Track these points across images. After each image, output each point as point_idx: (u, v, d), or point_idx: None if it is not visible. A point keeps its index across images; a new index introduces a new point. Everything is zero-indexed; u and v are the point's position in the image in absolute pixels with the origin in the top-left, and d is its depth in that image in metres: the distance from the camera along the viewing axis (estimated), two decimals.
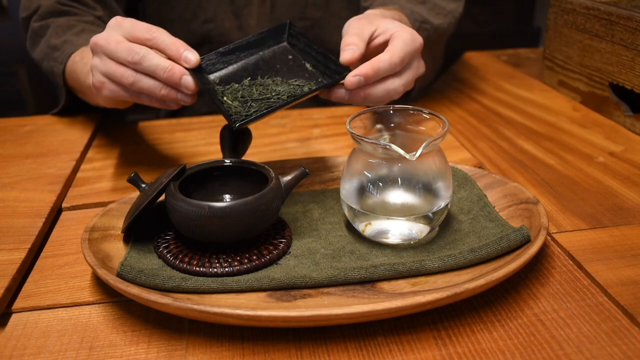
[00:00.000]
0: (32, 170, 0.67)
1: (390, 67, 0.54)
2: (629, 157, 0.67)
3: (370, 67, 0.53)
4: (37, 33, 0.77)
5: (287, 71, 0.58)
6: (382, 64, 0.54)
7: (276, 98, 0.53)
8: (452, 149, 0.71)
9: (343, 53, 0.55)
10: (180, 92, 0.54)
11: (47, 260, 0.51)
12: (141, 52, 0.53)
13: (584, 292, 0.45)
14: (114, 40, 0.55)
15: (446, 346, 0.41)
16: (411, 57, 0.57)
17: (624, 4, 0.77)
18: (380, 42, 0.58)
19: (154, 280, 0.44)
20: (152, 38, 0.54)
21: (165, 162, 0.69)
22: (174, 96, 0.55)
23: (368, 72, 0.53)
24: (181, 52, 0.54)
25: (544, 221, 0.48)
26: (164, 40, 0.54)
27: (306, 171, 0.51)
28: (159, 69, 0.53)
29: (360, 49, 0.55)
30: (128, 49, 0.54)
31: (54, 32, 0.75)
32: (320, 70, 0.57)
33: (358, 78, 0.53)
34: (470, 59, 1.08)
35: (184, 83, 0.53)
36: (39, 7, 0.78)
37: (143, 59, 0.53)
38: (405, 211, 0.49)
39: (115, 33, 0.56)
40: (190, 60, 0.53)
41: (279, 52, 0.59)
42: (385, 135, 0.53)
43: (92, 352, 0.41)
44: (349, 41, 0.56)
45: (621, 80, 0.75)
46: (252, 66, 0.58)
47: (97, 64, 0.57)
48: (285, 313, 0.39)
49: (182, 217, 0.46)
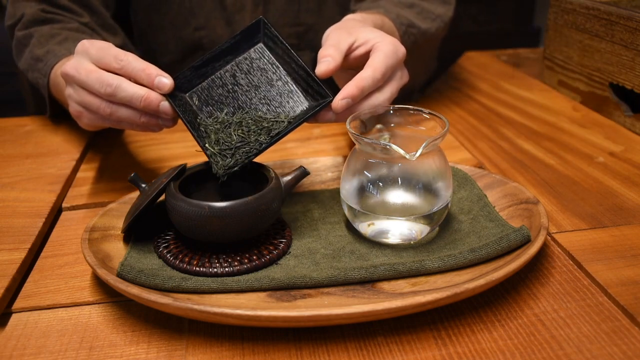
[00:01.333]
0: (32, 170, 0.67)
1: (373, 82, 0.54)
2: (629, 157, 0.67)
3: (355, 87, 0.52)
4: (21, 42, 0.75)
5: (267, 86, 0.55)
6: (366, 81, 0.53)
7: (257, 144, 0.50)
8: (452, 149, 0.71)
9: (319, 65, 0.54)
10: (160, 117, 0.53)
11: (47, 260, 0.51)
12: (113, 82, 0.51)
13: (584, 292, 0.45)
14: (84, 70, 0.53)
15: (446, 346, 0.41)
16: (393, 69, 0.56)
17: (624, 4, 0.77)
18: (361, 53, 0.57)
19: (154, 280, 0.44)
20: (122, 67, 0.52)
21: (165, 162, 0.69)
22: (154, 123, 0.54)
23: (354, 93, 0.52)
24: (153, 79, 0.51)
25: (544, 221, 0.48)
26: (135, 67, 0.52)
27: (306, 171, 0.51)
28: (134, 99, 0.51)
29: (336, 61, 0.54)
30: (99, 80, 0.52)
31: (37, 42, 0.72)
32: (302, 86, 0.54)
33: (346, 101, 0.52)
34: (470, 59, 1.08)
35: (162, 109, 0.52)
36: (23, 15, 0.76)
37: (117, 90, 0.51)
38: (405, 211, 0.49)
39: (84, 60, 0.54)
40: (165, 86, 0.51)
41: (256, 58, 0.55)
42: (385, 135, 0.53)
43: (92, 352, 0.41)
44: (325, 53, 0.54)
45: (621, 80, 0.75)
46: (229, 80, 0.55)
47: (72, 94, 0.55)
48: (285, 313, 0.39)
49: (182, 217, 0.46)
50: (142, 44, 0.88)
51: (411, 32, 0.74)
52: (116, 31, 0.81)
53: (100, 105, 0.53)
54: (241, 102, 0.54)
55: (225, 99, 0.54)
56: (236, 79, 0.55)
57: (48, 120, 0.81)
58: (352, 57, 0.57)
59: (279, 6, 0.86)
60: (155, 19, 0.86)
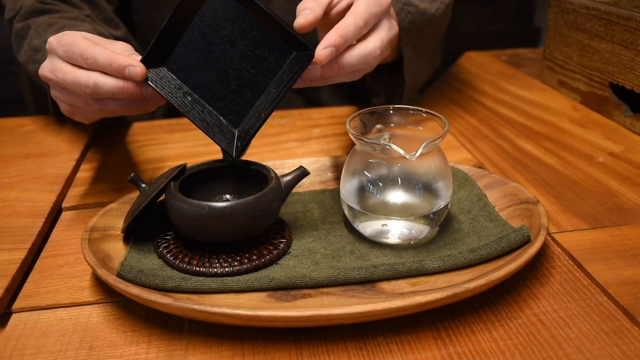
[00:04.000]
0: (32, 170, 0.67)
1: (356, 29, 0.50)
2: (629, 157, 0.67)
3: (337, 34, 0.48)
4: (19, 34, 0.75)
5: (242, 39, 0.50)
6: (348, 28, 0.49)
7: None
8: (452, 149, 0.71)
9: (297, 18, 0.50)
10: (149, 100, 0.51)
11: (47, 260, 0.51)
12: (89, 81, 0.49)
13: (584, 292, 0.45)
14: (60, 72, 0.51)
15: (446, 346, 0.41)
16: (377, 17, 0.53)
17: (624, 4, 0.77)
18: (342, 7, 0.54)
19: (154, 280, 0.44)
20: (90, 65, 0.50)
21: (165, 162, 0.69)
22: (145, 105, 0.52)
23: (336, 39, 0.48)
24: (124, 72, 0.48)
25: (544, 221, 0.48)
26: (102, 63, 0.49)
27: (306, 171, 0.51)
28: (116, 92, 0.49)
29: (315, 12, 0.50)
30: (75, 82, 0.50)
31: (35, 33, 0.71)
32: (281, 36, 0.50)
33: (330, 49, 0.48)
34: (470, 59, 1.08)
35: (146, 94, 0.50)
36: (21, 7, 0.75)
37: (95, 89, 0.49)
38: (405, 211, 0.49)
39: (56, 61, 0.52)
40: (137, 75, 0.48)
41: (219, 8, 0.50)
42: (385, 135, 0.53)
43: (92, 352, 0.41)
44: (304, 6, 0.51)
45: (621, 80, 0.75)
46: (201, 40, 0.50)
47: (58, 96, 0.55)
48: (285, 313, 0.39)
49: (182, 217, 0.46)
50: (143, 42, 0.88)
51: (408, 11, 0.71)
52: (117, 25, 0.81)
53: (87, 102, 0.52)
54: (222, 64, 0.50)
55: (205, 63, 0.51)
56: (207, 37, 0.50)
57: (48, 120, 0.81)
58: (333, 13, 0.54)
59: (281, 5, 0.86)
60: (155, 17, 0.86)
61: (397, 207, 0.49)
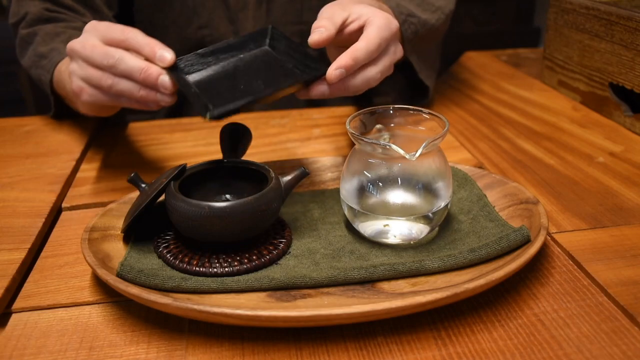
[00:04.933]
0: (32, 170, 0.67)
1: (367, 54, 0.53)
2: (629, 157, 0.67)
3: (350, 57, 0.52)
4: (25, 40, 0.77)
5: (266, 72, 0.56)
6: (360, 52, 0.53)
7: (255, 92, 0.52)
8: (452, 149, 0.71)
9: (312, 35, 0.54)
10: (158, 92, 0.54)
11: (47, 260, 0.51)
12: (116, 55, 0.53)
13: (584, 292, 0.45)
14: (90, 45, 0.55)
15: (446, 346, 0.41)
16: (387, 42, 0.56)
17: (624, 4, 0.77)
18: (354, 28, 0.57)
19: (154, 280, 0.44)
20: (126, 39, 0.54)
21: (165, 162, 0.69)
22: (152, 97, 0.54)
23: (348, 62, 0.52)
24: (156, 51, 0.52)
25: (543, 221, 0.48)
26: (139, 41, 0.53)
27: (306, 171, 0.51)
28: (134, 71, 0.52)
29: (329, 31, 0.53)
30: (104, 52, 0.53)
31: (41, 40, 0.74)
32: (299, 69, 0.55)
33: (340, 71, 0.52)
34: (470, 59, 1.08)
35: (161, 83, 0.52)
36: (27, 13, 0.77)
37: (118, 62, 0.53)
38: (405, 211, 0.49)
39: (91, 37, 0.55)
40: (166, 59, 0.52)
41: (260, 55, 0.57)
42: (385, 135, 0.53)
43: (92, 352, 0.41)
44: (318, 24, 0.54)
45: (621, 80, 0.75)
46: (231, 68, 0.56)
47: (75, 69, 0.57)
48: (285, 313, 0.39)
49: (182, 217, 0.46)
50: None
51: (411, 22, 0.73)
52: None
53: (102, 76, 0.54)
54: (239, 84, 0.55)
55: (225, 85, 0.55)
56: (237, 69, 0.56)
57: (48, 120, 0.81)
58: (345, 33, 0.57)
59: (282, 4, 0.86)
60: (158, 18, 0.86)
61: (397, 207, 0.49)
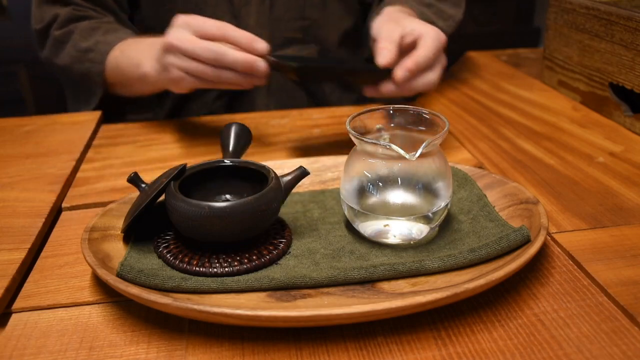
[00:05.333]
0: (32, 170, 0.67)
1: (427, 61, 0.62)
2: (629, 157, 0.67)
3: (413, 62, 0.62)
4: (60, 40, 0.81)
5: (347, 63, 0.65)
6: (421, 58, 0.62)
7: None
8: (452, 149, 0.71)
9: (379, 57, 0.62)
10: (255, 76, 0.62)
11: (47, 260, 0.51)
12: (219, 50, 0.60)
13: (584, 292, 0.45)
14: (188, 40, 0.61)
15: (446, 346, 0.41)
16: (440, 51, 0.65)
17: (624, 4, 0.77)
18: (408, 41, 0.65)
19: (154, 280, 0.44)
20: (224, 33, 0.61)
21: (165, 162, 0.69)
22: (249, 81, 0.63)
23: (412, 67, 0.61)
24: (251, 43, 0.61)
25: (543, 221, 0.48)
26: (235, 35, 0.61)
27: (306, 171, 0.51)
28: (238, 63, 0.60)
29: (392, 51, 0.62)
30: (205, 48, 0.60)
31: (80, 37, 0.80)
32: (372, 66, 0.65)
33: (406, 73, 0.61)
34: (471, 59, 1.08)
35: (258, 68, 0.61)
36: (57, 15, 0.82)
37: (223, 57, 0.60)
38: (405, 211, 0.49)
39: (184, 32, 0.62)
40: (263, 49, 0.61)
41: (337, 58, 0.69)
42: (385, 135, 0.53)
43: (92, 352, 0.41)
44: (382, 45, 0.63)
45: (621, 80, 0.75)
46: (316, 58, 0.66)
47: (175, 62, 0.63)
48: (285, 313, 0.39)
49: (182, 217, 0.46)
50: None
51: None
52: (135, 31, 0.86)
53: (205, 70, 0.62)
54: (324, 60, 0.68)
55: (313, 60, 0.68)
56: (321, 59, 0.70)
57: (48, 120, 0.81)
58: (403, 46, 0.65)
59: (285, 1, 0.87)
60: (162, 13, 0.87)
61: (397, 207, 0.49)
